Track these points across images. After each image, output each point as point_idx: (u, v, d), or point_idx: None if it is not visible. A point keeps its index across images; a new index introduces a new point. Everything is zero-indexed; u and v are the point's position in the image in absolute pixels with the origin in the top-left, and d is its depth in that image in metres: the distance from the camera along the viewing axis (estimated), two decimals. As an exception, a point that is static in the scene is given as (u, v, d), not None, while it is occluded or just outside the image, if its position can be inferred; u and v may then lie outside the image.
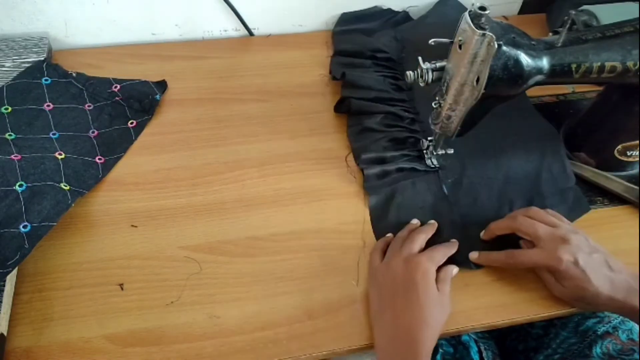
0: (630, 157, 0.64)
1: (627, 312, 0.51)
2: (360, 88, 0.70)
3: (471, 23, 0.48)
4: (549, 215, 0.56)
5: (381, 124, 0.67)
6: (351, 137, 0.68)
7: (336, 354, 0.52)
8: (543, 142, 0.68)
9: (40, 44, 0.72)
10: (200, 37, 0.81)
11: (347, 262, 0.57)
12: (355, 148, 0.67)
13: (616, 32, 0.54)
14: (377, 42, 0.77)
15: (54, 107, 0.66)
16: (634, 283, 0.51)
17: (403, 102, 0.71)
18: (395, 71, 0.74)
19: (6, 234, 0.52)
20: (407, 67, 0.70)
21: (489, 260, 0.57)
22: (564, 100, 0.75)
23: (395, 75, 0.74)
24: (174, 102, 0.71)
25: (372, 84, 0.71)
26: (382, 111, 0.68)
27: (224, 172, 0.64)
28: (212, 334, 0.51)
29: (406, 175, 0.64)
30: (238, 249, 0.57)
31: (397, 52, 0.77)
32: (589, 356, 0.58)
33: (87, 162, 0.62)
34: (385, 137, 0.66)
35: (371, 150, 0.65)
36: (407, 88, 0.72)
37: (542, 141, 0.68)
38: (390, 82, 0.73)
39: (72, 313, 0.52)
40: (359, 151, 0.65)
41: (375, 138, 0.66)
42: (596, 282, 0.50)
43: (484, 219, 0.59)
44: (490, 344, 0.65)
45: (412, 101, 0.71)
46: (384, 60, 0.75)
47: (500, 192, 0.63)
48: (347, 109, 0.70)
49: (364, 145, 0.66)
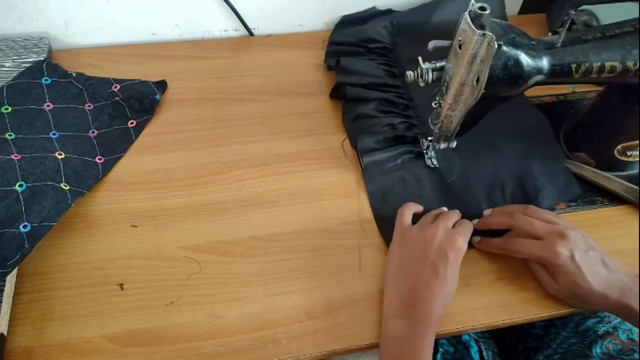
0: (630, 157, 0.64)
1: (621, 312, 0.51)
2: (354, 74, 0.72)
3: (471, 23, 0.48)
4: (547, 214, 0.56)
5: (376, 110, 0.69)
6: (346, 123, 0.69)
7: (336, 353, 0.52)
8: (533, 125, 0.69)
9: (40, 44, 0.72)
10: (200, 37, 0.81)
11: (347, 262, 0.57)
12: (351, 133, 0.68)
13: (616, 32, 0.54)
14: (371, 30, 0.77)
15: (54, 107, 0.66)
16: (630, 283, 0.50)
17: (397, 89, 0.72)
18: (388, 58, 0.76)
19: (6, 234, 0.52)
20: (401, 54, 0.75)
21: (488, 246, 0.57)
22: (564, 100, 0.75)
23: (388, 62, 0.75)
24: (174, 102, 0.71)
25: (366, 70, 0.73)
26: (376, 97, 0.70)
27: (224, 172, 0.64)
28: (212, 334, 0.51)
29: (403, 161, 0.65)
30: (238, 249, 0.57)
31: (391, 38, 0.78)
32: (589, 356, 0.58)
33: (87, 162, 0.62)
34: (380, 123, 0.68)
35: (367, 137, 0.66)
36: (399, 74, 0.74)
37: (532, 124, 0.69)
38: (384, 68, 0.74)
39: (72, 313, 0.52)
40: (355, 136, 0.67)
41: (371, 124, 0.68)
42: (591, 279, 0.50)
43: (476, 201, 0.62)
44: (491, 344, 0.65)
45: (406, 87, 0.73)
46: (378, 49, 0.76)
47: (492, 174, 0.64)
48: (342, 95, 0.71)
49: (360, 130, 0.67)
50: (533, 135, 0.68)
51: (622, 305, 0.50)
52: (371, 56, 0.75)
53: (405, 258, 0.53)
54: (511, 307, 0.55)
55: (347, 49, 0.76)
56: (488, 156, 0.66)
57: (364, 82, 0.71)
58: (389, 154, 0.65)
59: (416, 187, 0.63)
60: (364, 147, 0.65)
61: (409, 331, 0.49)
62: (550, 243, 0.52)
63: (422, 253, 0.52)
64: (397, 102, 0.70)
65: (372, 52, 0.76)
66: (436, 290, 0.50)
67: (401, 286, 0.52)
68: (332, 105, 0.72)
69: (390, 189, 0.63)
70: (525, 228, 0.54)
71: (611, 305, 0.51)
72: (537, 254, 0.53)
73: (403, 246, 0.54)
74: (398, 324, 0.50)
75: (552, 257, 0.51)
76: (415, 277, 0.51)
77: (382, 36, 0.77)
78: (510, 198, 0.63)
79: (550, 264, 0.53)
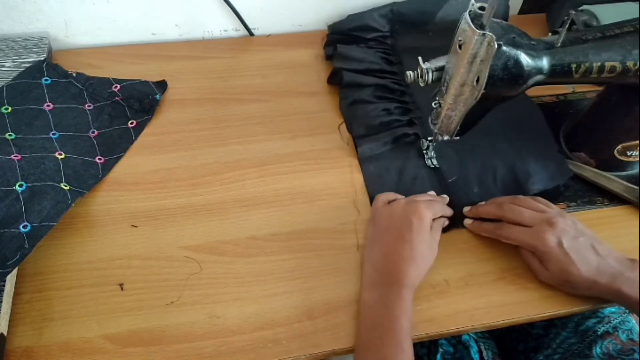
0: (630, 157, 0.64)
1: (614, 297, 0.51)
2: (352, 60, 0.73)
3: (471, 23, 0.48)
4: (536, 202, 0.57)
5: (372, 96, 0.70)
6: (343, 109, 0.71)
7: (336, 353, 0.52)
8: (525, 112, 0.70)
9: (40, 44, 0.72)
10: (200, 37, 0.81)
11: (347, 262, 0.57)
12: (347, 119, 0.70)
13: (616, 32, 0.54)
14: (369, 18, 0.78)
15: (54, 107, 0.66)
16: (621, 267, 0.51)
17: (393, 75, 0.73)
18: (386, 46, 0.77)
19: (6, 234, 0.52)
20: (399, 42, 0.76)
21: (480, 229, 0.59)
22: (564, 100, 0.75)
23: (385, 50, 0.77)
24: (174, 102, 0.71)
25: (363, 57, 0.74)
26: (372, 83, 0.72)
27: (224, 172, 0.64)
28: (212, 334, 0.51)
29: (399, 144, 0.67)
30: (238, 249, 0.57)
31: (390, 26, 0.79)
32: (589, 356, 0.58)
33: (87, 162, 0.62)
34: (376, 109, 0.69)
35: (363, 122, 0.68)
36: (397, 62, 0.75)
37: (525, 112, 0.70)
38: (380, 55, 0.76)
39: (72, 313, 0.52)
40: (351, 122, 0.69)
41: (367, 109, 0.69)
42: (580, 265, 0.51)
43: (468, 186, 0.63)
44: (491, 344, 0.65)
45: (402, 74, 0.73)
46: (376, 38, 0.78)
47: (483, 159, 0.65)
48: (339, 80, 0.72)
49: (356, 116, 0.69)
50: (525, 122, 0.69)
51: (614, 290, 0.50)
52: (369, 43, 0.77)
53: (377, 232, 0.55)
54: (511, 307, 0.55)
55: (344, 38, 0.77)
56: (480, 142, 0.67)
57: (362, 67, 0.73)
58: (384, 139, 0.66)
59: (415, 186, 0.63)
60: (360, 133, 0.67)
61: (381, 296, 0.50)
62: (538, 230, 0.53)
63: (388, 223, 0.54)
64: (393, 88, 0.72)
65: (370, 41, 0.77)
66: (404, 254, 0.52)
67: (374, 258, 0.53)
68: (332, 105, 0.72)
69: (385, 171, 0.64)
70: (514, 217, 0.55)
71: (602, 290, 0.51)
72: (526, 241, 0.54)
73: (374, 222, 0.56)
74: (372, 293, 0.51)
75: (539, 244, 0.52)
76: (384, 245, 0.53)
77: (380, 24, 0.78)
78: (502, 183, 0.64)
79: (538, 251, 0.53)
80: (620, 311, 0.61)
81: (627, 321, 0.59)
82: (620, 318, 0.59)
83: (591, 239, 0.53)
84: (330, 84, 0.74)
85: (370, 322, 0.50)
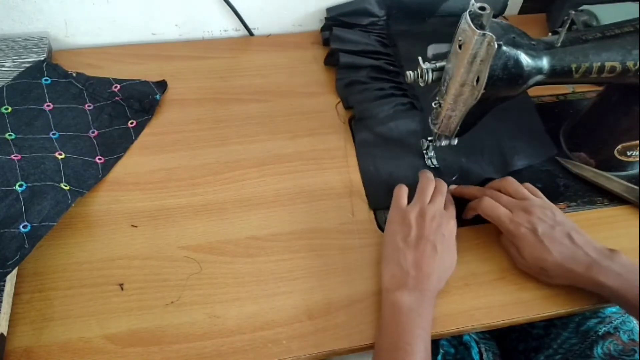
0: (630, 157, 0.64)
1: (591, 286, 0.52)
2: (348, 42, 0.76)
3: (471, 23, 0.48)
4: (521, 187, 0.58)
5: (367, 77, 0.73)
6: (339, 89, 0.73)
7: (336, 353, 0.52)
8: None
9: (40, 44, 0.72)
10: (200, 37, 0.81)
11: (347, 262, 0.57)
12: (344, 97, 0.72)
13: (616, 32, 0.54)
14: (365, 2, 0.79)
15: (54, 107, 0.66)
16: (598, 257, 0.51)
17: (388, 56, 0.76)
18: (381, 30, 0.79)
19: (6, 234, 0.52)
20: (393, 26, 0.79)
21: (462, 192, 0.61)
22: (564, 100, 0.75)
23: (380, 34, 0.79)
24: (174, 102, 0.71)
25: (359, 39, 0.76)
26: (368, 64, 0.74)
27: (224, 172, 0.64)
28: (212, 334, 0.51)
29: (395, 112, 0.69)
30: (238, 249, 0.57)
31: (386, 10, 0.80)
32: (590, 356, 0.58)
33: (87, 162, 0.62)
34: (371, 88, 0.72)
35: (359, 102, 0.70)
36: (391, 45, 0.78)
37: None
38: (375, 38, 0.78)
39: (72, 313, 0.52)
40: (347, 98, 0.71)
41: (363, 89, 0.72)
42: (555, 253, 0.52)
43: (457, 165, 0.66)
44: (491, 345, 0.65)
45: (397, 56, 0.76)
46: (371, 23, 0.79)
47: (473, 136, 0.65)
48: (335, 62, 0.75)
49: (353, 95, 0.71)
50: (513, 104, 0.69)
51: (590, 280, 0.51)
52: (364, 28, 0.79)
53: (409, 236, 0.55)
54: (511, 307, 0.55)
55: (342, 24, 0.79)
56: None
57: (358, 49, 0.75)
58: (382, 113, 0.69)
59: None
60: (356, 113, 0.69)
61: (415, 303, 0.50)
62: (514, 216, 0.54)
63: (424, 233, 0.54)
64: (388, 69, 0.74)
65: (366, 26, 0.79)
66: (435, 266, 0.52)
67: (405, 262, 0.53)
68: (332, 105, 0.72)
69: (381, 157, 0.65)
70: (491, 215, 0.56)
71: (578, 279, 0.52)
72: (503, 222, 0.55)
73: (404, 226, 0.56)
74: (404, 296, 0.51)
75: (514, 230, 0.54)
76: (419, 254, 0.53)
77: (377, 10, 0.79)
78: (489, 157, 0.66)
79: (512, 237, 0.55)
80: (621, 312, 0.61)
81: (628, 321, 0.59)
82: (622, 318, 0.59)
83: (569, 229, 0.53)
84: (327, 64, 0.76)
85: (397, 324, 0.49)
